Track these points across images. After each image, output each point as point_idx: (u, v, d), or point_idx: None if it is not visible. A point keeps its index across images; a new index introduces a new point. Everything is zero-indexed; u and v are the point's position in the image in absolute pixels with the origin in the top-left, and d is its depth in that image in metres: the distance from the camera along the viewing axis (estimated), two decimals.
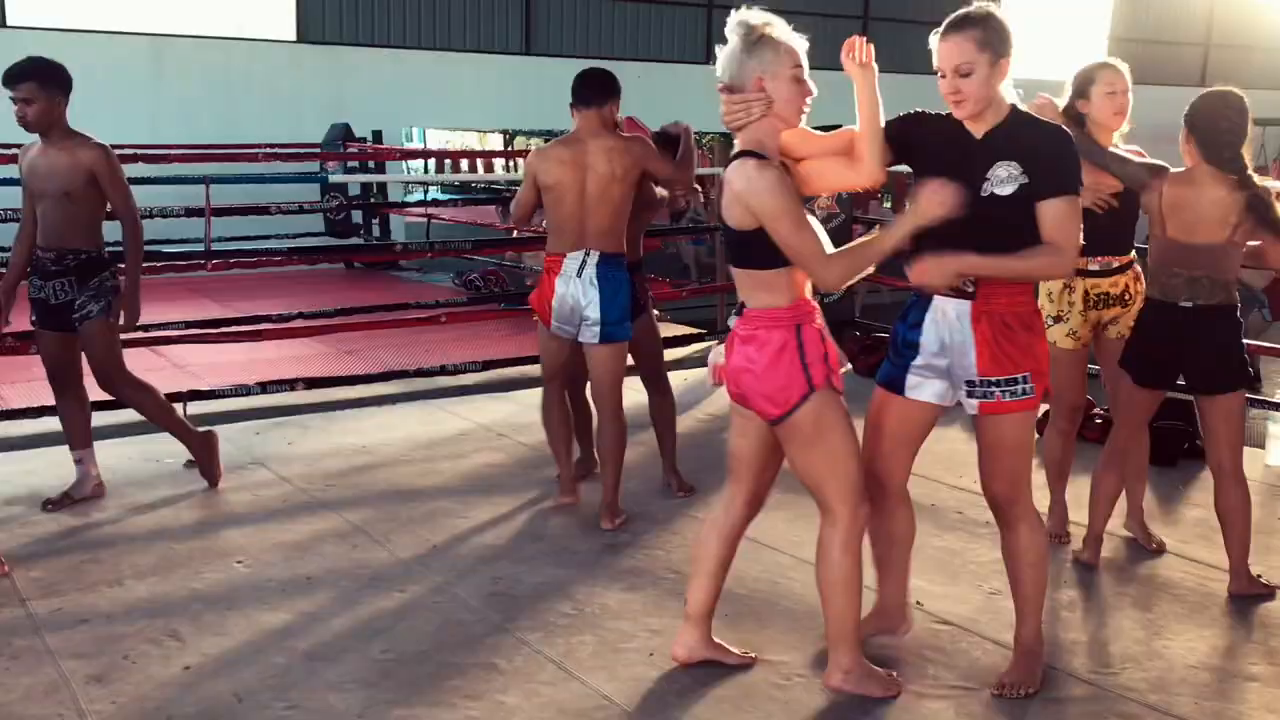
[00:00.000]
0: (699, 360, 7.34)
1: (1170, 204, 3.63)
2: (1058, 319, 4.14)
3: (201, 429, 4.87)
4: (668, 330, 8.39)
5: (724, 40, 2.88)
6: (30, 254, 4.47)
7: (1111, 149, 3.83)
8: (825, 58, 3.04)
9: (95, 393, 4.67)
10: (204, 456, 4.78)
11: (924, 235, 2.85)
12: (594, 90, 4.25)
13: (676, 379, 7.00)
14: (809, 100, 2.87)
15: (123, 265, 4.57)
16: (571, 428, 4.57)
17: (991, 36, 2.84)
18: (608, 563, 3.98)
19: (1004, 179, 2.87)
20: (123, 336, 4.68)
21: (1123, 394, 3.91)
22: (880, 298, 9.54)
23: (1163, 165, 3.74)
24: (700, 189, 5.90)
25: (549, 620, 3.51)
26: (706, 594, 3.16)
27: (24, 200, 4.47)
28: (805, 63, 2.85)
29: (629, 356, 4.50)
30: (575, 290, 4.20)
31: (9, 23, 13.36)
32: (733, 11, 2.87)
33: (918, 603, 3.63)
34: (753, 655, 3.27)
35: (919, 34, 3.15)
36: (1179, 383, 3.80)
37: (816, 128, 3.04)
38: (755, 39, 2.81)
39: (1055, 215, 2.85)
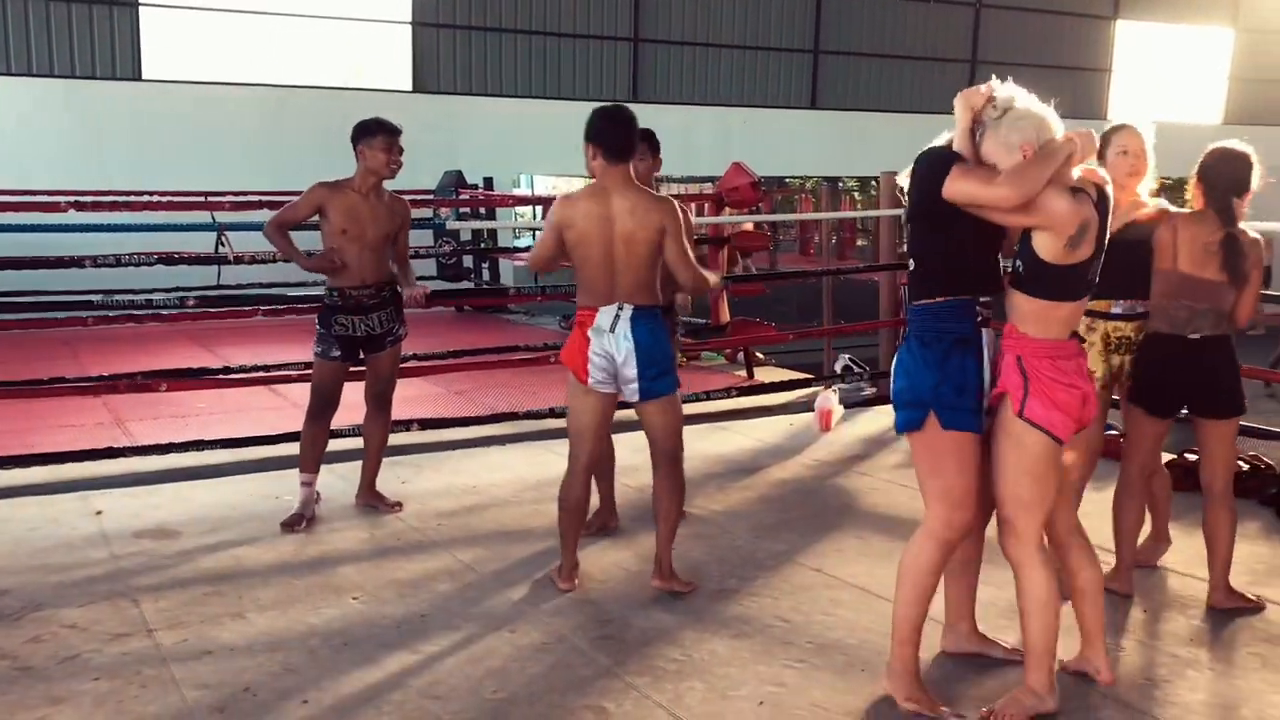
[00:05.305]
0: (805, 405, 7.29)
1: (1183, 240, 3.87)
2: None
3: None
4: (774, 374, 8.37)
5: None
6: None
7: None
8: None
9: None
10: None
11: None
12: (630, 143, 4.01)
13: (782, 424, 7.01)
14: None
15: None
16: (587, 513, 4.25)
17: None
18: (716, 609, 3.97)
19: None
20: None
21: (1134, 428, 4.05)
22: None
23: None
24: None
25: (657, 665, 3.51)
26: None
27: (301, 211, 4.88)
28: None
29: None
30: (609, 345, 3.95)
31: (144, 76, 14.03)
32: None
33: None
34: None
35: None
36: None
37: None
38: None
39: None
